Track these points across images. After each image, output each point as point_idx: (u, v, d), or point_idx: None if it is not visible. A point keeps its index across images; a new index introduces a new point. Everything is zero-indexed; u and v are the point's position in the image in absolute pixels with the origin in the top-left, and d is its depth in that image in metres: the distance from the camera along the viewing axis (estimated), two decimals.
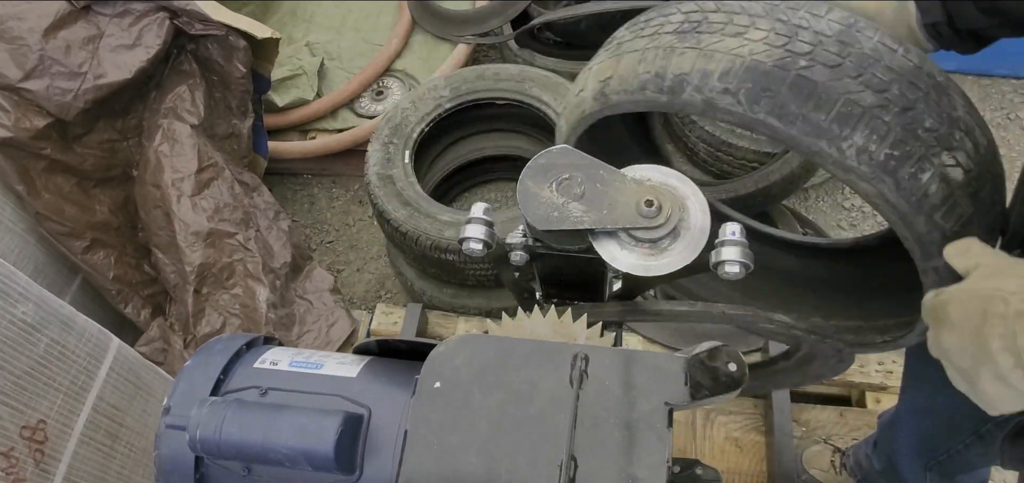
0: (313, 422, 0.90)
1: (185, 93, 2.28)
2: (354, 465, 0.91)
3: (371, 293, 2.72)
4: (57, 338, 1.44)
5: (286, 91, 2.90)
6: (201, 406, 0.94)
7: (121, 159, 2.28)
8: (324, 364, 1.04)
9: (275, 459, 0.90)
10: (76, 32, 2.03)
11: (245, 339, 1.11)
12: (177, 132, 2.24)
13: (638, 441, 0.78)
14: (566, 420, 0.78)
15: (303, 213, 2.97)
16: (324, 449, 0.88)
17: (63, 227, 2.10)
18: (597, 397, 0.81)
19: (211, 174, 2.27)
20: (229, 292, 2.21)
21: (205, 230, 2.20)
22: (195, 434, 0.92)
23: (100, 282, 2.21)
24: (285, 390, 1.01)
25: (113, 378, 1.58)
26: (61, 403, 1.45)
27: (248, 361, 1.07)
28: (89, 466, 1.51)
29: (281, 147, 2.86)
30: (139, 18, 2.11)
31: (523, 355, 0.86)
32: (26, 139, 1.98)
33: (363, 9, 3.18)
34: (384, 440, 0.93)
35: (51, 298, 1.43)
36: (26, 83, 1.94)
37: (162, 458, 1.01)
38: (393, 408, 0.94)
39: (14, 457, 1.34)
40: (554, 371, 0.83)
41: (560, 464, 0.76)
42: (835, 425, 1.94)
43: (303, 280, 2.46)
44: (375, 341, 1.07)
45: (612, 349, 0.85)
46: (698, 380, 0.80)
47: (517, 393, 0.83)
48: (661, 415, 0.79)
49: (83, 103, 2.02)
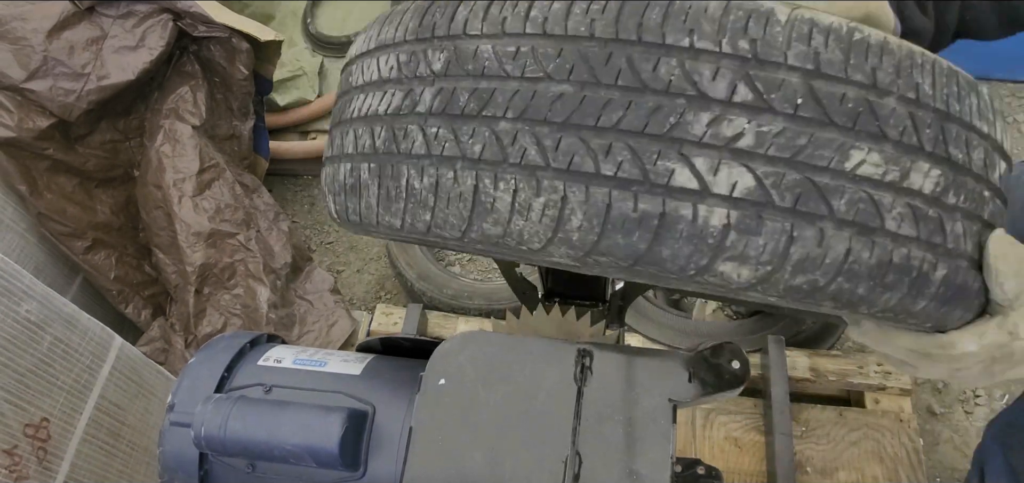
0: (318, 419, 0.90)
1: (187, 94, 2.28)
2: (358, 462, 0.92)
3: (371, 294, 2.72)
4: (60, 336, 1.44)
5: (287, 91, 2.91)
6: (206, 403, 0.94)
7: (123, 160, 2.28)
8: (328, 362, 1.05)
9: (279, 456, 0.91)
10: (80, 33, 2.04)
11: (249, 337, 1.12)
12: (179, 133, 2.24)
13: (642, 437, 0.78)
14: (570, 417, 0.79)
15: (303, 214, 2.98)
16: (329, 446, 0.88)
17: (65, 227, 2.11)
18: (601, 394, 0.81)
19: (212, 175, 2.28)
20: (230, 292, 2.21)
21: (206, 230, 2.20)
22: (200, 431, 0.92)
23: (101, 282, 2.21)
24: (289, 387, 1.01)
25: (115, 377, 1.58)
26: (64, 401, 1.45)
27: (252, 359, 1.08)
28: (91, 464, 1.52)
29: (282, 147, 2.87)
30: (142, 19, 2.12)
31: (527, 352, 0.86)
32: (29, 139, 1.98)
33: (363, 9, 3.19)
34: (388, 437, 0.94)
35: (55, 296, 1.44)
36: (29, 83, 1.95)
37: (166, 455, 1.01)
38: (397, 405, 0.95)
39: (17, 455, 1.35)
40: (558, 368, 0.84)
41: (564, 460, 0.77)
42: (835, 425, 1.94)
43: (303, 281, 2.46)
44: (378, 339, 1.08)
45: (615, 346, 0.86)
46: (701, 377, 0.81)
47: (521, 390, 0.83)
48: (665, 412, 0.79)
49: (86, 104, 2.03)
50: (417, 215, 0.68)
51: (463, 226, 0.65)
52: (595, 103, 0.60)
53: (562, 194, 0.60)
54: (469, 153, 0.63)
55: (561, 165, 0.60)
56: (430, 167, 0.66)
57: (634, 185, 0.59)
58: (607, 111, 0.59)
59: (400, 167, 0.68)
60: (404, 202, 0.68)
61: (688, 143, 0.58)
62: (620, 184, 0.59)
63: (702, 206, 0.58)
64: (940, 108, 0.61)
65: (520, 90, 0.62)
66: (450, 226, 0.66)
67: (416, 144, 0.67)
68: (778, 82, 0.58)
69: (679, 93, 0.58)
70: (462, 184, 0.64)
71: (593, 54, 0.60)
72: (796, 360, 2.02)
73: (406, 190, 0.68)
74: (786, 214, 0.58)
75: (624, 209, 0.59)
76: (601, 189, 0.59)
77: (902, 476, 1.85)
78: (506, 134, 0.62)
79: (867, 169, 0.59)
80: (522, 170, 0.61)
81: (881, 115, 0.59)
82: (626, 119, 0.59)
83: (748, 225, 0.58)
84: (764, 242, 0.58)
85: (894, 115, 0.59)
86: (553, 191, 0.61)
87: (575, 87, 0.60)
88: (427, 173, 0.66)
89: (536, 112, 0.61)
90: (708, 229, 0.58)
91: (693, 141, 0.58)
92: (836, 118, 0.58)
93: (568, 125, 0.60)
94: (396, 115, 0.70)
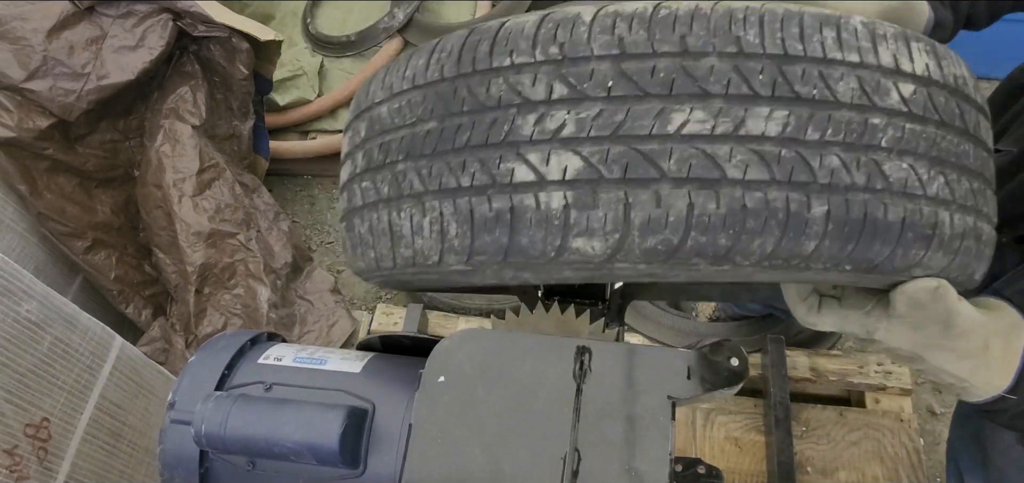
0: (318, 416, 0.90)
1: (187, 94, 2.29)
2: (358, 459, 0.92)
3: (371, 293, 2.72)
4: (61, 336, 1.44)
5: (286, 91, 2.91)
6: (206, 401, 0.94)
7: (123, 159, 2.28)
8: (328, 360, 1.05)
9: (280, 453, 0.91)
10: (80, 33, 2.04)
11: (249, 335, 1.12)
12: (179, 133, 2.24)
13: (641, 435, 0.78)
14: (569, 414, 0.79)
15: (303, 214, 2.98)
16: (329, 443, 0.88)
17: (65, 227, 2.11)
18: (600, 391, 0.81)
19: (212, 175, 2.28)
20: (231, 292, 2.21)
21: (206, 230, 2.20)
22: (200, 429, 0.92)
23: (101, 282, 2.22)
24: (289, 385, 1.01)
25: (116, 377, 1.58)
26: (64, 401, 1.45)
27: (252, 357, 1.08)
28: (92, 464, 1.52)
29: (282, 147, 2.87)
30: (142, 19, 2.12)
31: (526, 349, 0.86)
32: (29, 139, 1.98)
33: (363, 9, 3.19)
34: (388, 435, 0.93)
35: (55, 296, 1.44)
36: (29, 83, 1.95)
37: (166, 453, 1.01)
38: (397, 403, 0.95)
39: (18, 455, 1.35)
40: (557, 365, 0.84)
41: (563, 457, 0.77)
42: (835, 425, 1.95)
43: (304, 280, 2.47)
44: (378, 337, 1.08)
45: (615, 343, 0.86)
46: (700, 374, 0.81)
47: (521, 387, 0.83)
48: (664, 409, 0.79)
49: (86, 104, 2.03)
50: (364, 255, 0.84)
51: (390, 256, 0.79)
52: (451, 130, 0.71)
53: (439, 210, 0.72)
54: (382, 195, 0.78)
55: (434, 187, 0.72)
56: (364, 213, 0.82)
57: (487, 189, 0.69)
58: (459, 134, 0.71)
59: (352, 220, 0.85)
60: (357, 248, 0.85)
61: (522, 143, 0.67)
62: (477, 191, 0.69)
63: (542, 194, 0.66)
64: (775, 53, 0.64)
65: (404, 135, 0.76)
66: (382, 257, 0.80)
67: (355, 197, 0.83)
68: (588, 72, 0.65)
69: (509, 104, 0.68)
70: (381, 221, 0.79)
71: (445, 91, 0.72)
72: (796, 360, 2.02)
73: (358, 237, 0.84)
74: (618, 184, 0.64)
75: (483, 211, 0.69)
76: (463, 198, 0.70)
77: (902, 476, 1.85)
78: (401, 173, 0.76)
79: (693, 127, 0.63)
80: (412, 198, 0.75)
81: (699, 75, 0.63)
82: (473, 136, 0.69)
83: (585, 201, 0.65)
84: (603, 213, 0.65)
85: (714, 72, 0.63)
86: (433, 210, 0.72)
87: (437, 121, 0.72)
88: (364, 219, 0.82)
89: (415, 149, 0.74)
90: (551, 212, 0.66)
91: (525, 141, 0.67)
92: (651, 89, 0.64)
93: (436, 153, 0.72)
94: (348, 179, 0.86)
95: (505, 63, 0.68)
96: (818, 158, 0.64)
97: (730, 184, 0.63)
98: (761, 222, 0.63)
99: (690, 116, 0.63)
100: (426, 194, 0.73)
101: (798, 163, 0.63)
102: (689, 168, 0.63)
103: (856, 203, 0.65)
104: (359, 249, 0.85)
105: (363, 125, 0.83)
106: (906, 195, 0.66)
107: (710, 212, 0.63)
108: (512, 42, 0.68)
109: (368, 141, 0.81)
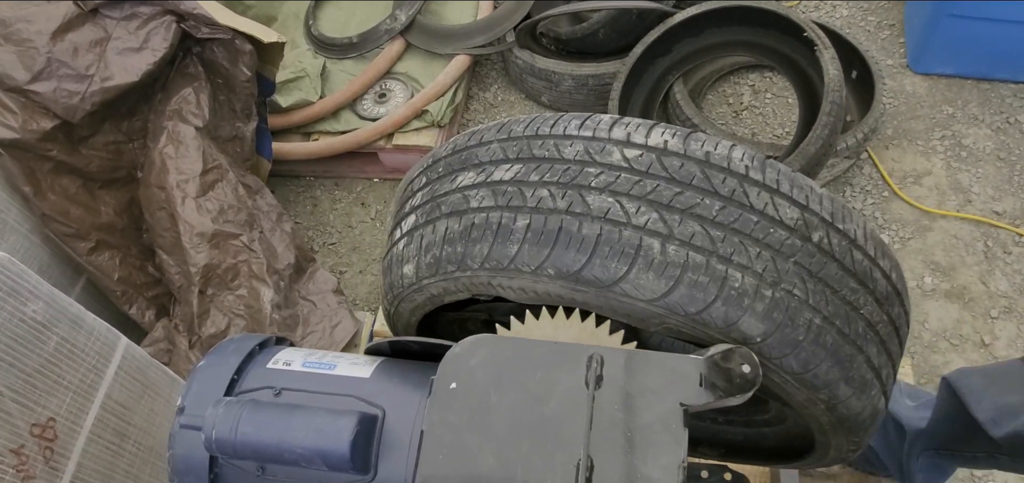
0: (328, 422, 0.91)
1: (190, 96, 2.28)
2: (369, 465, 0.92)
3: (374, 295, 2.72)
4: (67, 336, 1.44)
5: (289, 93, 2.90)
6: (216, 406, 0.94)
7: (126, 161, 2.28)
8: (337, 364, 1.05)
9: (290, 459, 0.91)
10: (83, 35, 2.04)
11: (258, 339, 1.12)
12: (182, 134, 2.24)
13: (653, 442, 0.79)
14: (582, 421, 0.79)
15: (306, 215, 2.98)
16: (340, 449, 0.88)
17: (68, 228, 2.11)
18: (612, 398, 0.82)
19: (215, 176, 2.28)
20: (234, 293, 2.21)
21: (209, 231, 2.20)
22: (211, 434, 0.93)
23: (105, 283, 2.21)
24: (299, 390, 1.01)
25: (121, 377, 1.58)
26: (70, 401, 1.45)
27: (261, 361, 1.08)
28: (98, 464, 1.52)
29: (284, 148, 2.87)
30: (146, 21, 2.12)
31: (538, 356, 0.87)
32: (33, 141, 1.98)
33: (365, 10, 3.19)
34: (398, 441, 0.94)
35: (61, 296, 1.44)
36: (33, 85, 1.95)
37: (176, 458, 1.01)
38: (407, 409, 0.95)
39: (24, 454, 1.35)
40: (570, 372, 0.84)
41: (576, 464, 0.77)
42: None
43: (306, 281, 2.46)
44: (387, 342, 1.08)
45: (627, 350, 0.86)
46: (712, 381, 0.81)
47: (533, 394, 0.84)
48: (676, 416, 0.80)
49: (90, 105, 2.03)
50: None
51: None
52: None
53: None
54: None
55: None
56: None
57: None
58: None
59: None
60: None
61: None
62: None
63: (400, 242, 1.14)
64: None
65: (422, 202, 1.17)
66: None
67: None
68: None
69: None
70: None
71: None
72: None
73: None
74: (419, 225, 1.10)
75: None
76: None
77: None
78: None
79: (464, 181, 1.06)
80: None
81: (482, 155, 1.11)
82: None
83: (408, 241, 1.11)
84: (411, 244, 1.10)
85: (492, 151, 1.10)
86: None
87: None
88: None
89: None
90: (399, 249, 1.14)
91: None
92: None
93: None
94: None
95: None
96: (531, 190, 0.97)
97: (471, 212, 1.02)
98: (481, 232, 1.00)
99: (465, 177, 1.08)
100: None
101: (517, 193, 1.00)
102: (451, 205, 1.06)
103: (548, 219, 0.95)
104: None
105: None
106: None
107: (453, 229, 1.03)
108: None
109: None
